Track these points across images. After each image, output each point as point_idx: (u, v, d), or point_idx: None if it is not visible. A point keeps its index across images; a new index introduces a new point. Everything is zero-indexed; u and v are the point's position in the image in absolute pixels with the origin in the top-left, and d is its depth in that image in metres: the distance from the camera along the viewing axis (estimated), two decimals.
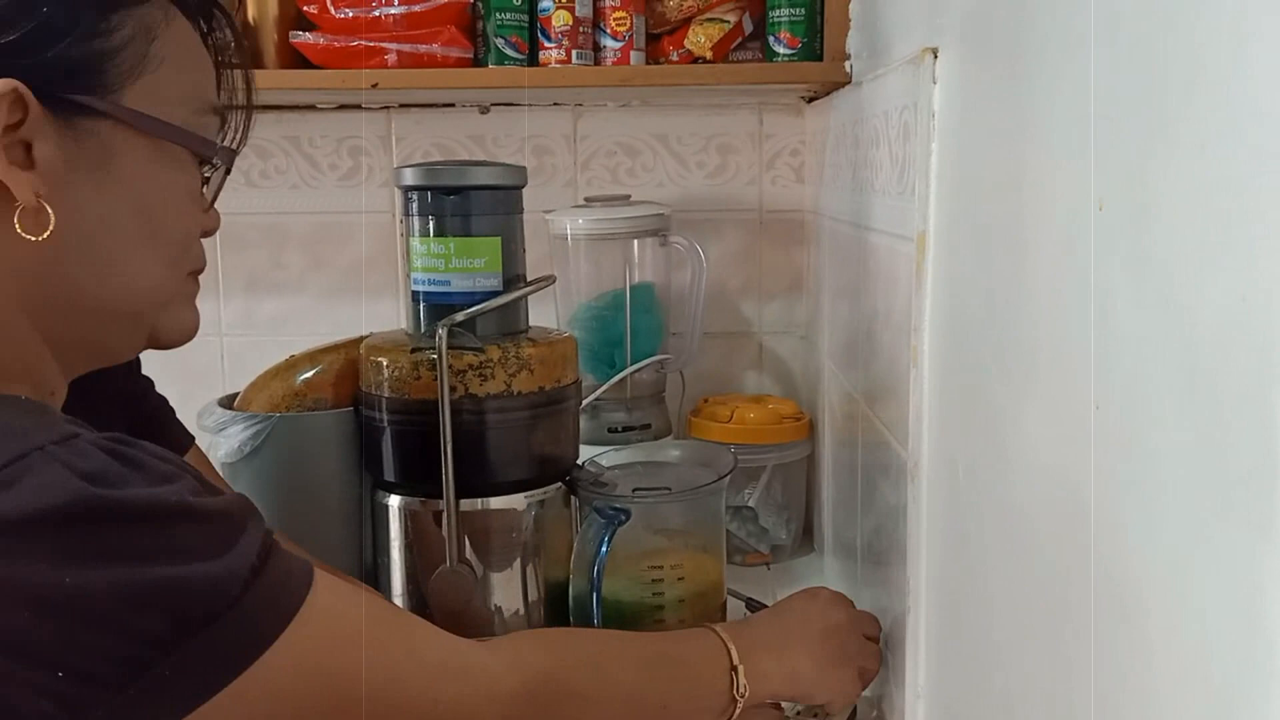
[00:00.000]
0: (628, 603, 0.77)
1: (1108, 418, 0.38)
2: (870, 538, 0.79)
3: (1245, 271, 0.29)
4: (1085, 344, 0.40)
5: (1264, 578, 0.27)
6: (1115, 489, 0.37)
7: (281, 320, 1.14)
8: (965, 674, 0.58)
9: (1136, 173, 0.36)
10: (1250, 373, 0.28)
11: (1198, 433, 0.31)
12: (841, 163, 0.92)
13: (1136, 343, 0.35)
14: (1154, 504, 0.34)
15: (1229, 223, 0.30)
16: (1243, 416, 0.29)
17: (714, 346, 1.15)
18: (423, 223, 0.75)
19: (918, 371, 0.64)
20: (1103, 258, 0.38)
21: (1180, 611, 0.32)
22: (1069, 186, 0.41)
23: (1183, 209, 0.32)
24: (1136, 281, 0.35)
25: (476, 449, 0.73)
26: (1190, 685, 0.32)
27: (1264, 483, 0.27)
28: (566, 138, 1.13)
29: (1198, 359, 0.31)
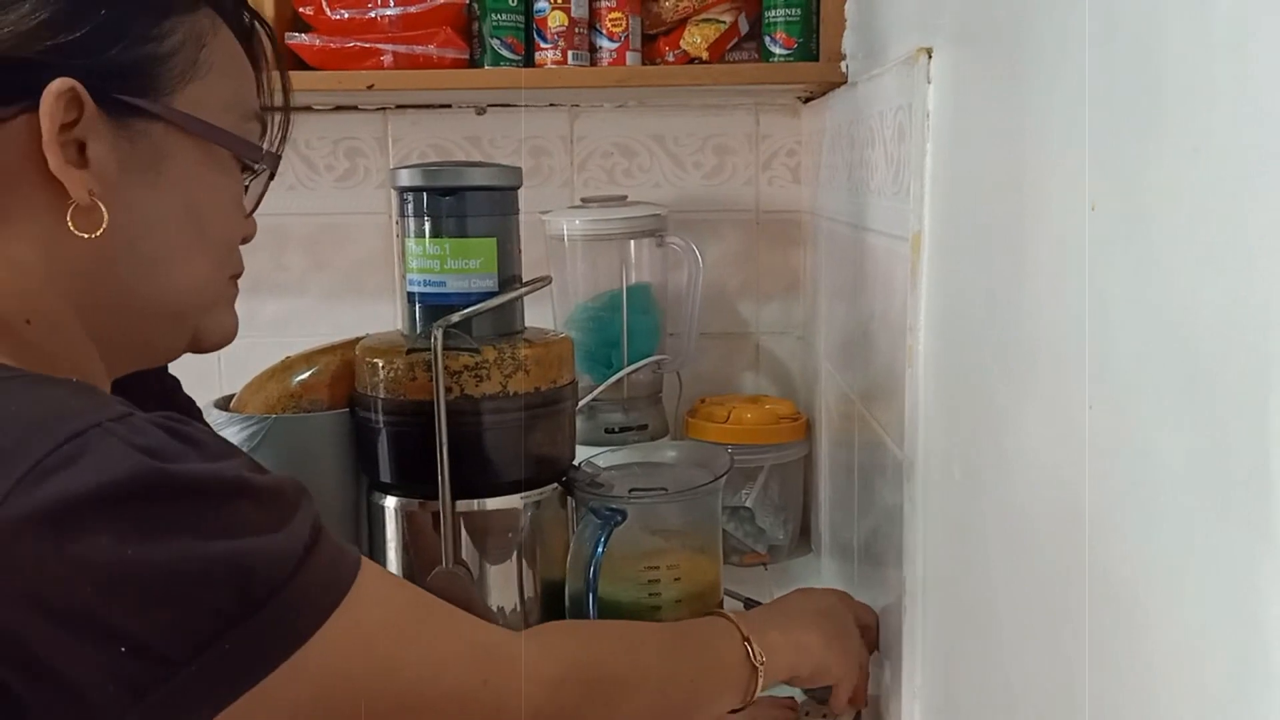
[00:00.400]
0: (624, 603, 0.77)
1: (1103, 418, 0.38)
2: (867, 538, 0.79)
3: (1241, 273, 0.29)
4: (1081, 345, 0.40)
5: (1261, 580, 0.27)
6: (1111, 490, 0.37)
7: (283, 322, 1.13)
8: (963, 674, 0.58)
9: (1130, 174, 0.36)
10: (1247, 374, 0.28)
11: (1194, 434, 0.31)
12: (838, 163, 0.92)
13: (1132, 344, 0.35)
14: (1150, 506, 0.34)
15: (1224, 225, 0.30)
16: (1239, 418, 0.29)
17: (711, 347, 1.15)
18: (418, 224, 0.75)
19: (913, 372, 0.64)
20: (1097, 259, 0.38)
21: (1177, 614, 0.32)
22: (1063, 187, 0.41)
23: (1177, 211, 0.32)
24: (1131, 283, 0.35)
25: (472, 450, 0.73)
26: (1187, 687, 0.32)
27: (1260, 485, 0.27)
28: (563, 139, 1.13)
29: (1194, 360, 0.31)
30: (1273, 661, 0.27)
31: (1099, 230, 0.38)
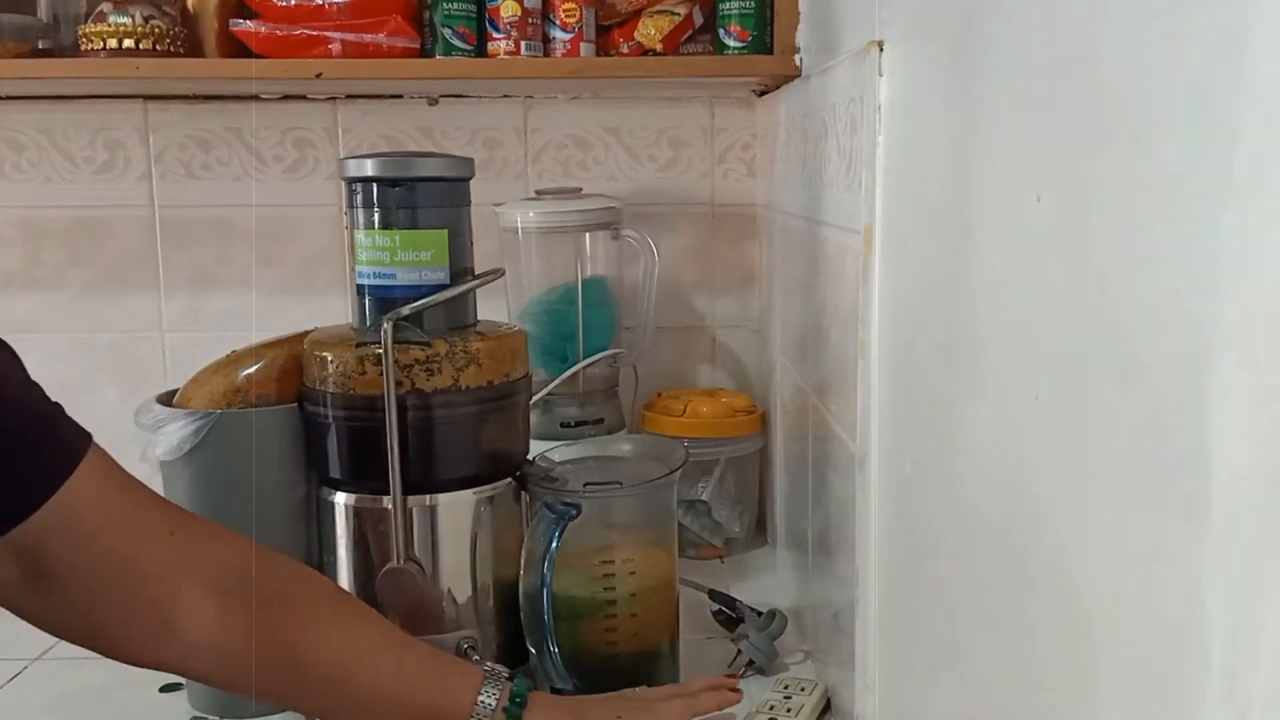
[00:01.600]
0: (579, 598, 0.76)
1: (1048, 407, 0.38)
2: (820, 530, 0.80)
3: (1178, 261, 0.29)
4: (1026, 334, 0.40)
5: (1198, 567, 0.27)
6: (1054, 479, 0.37)
7: (228, 317, 1.11)
8: (915, 663, 0.58)
9: (1073, 165, 0.36)
10: (1183, 362, 0.28)
11: (1133, 422, 0.31)
12: (791, 156, 0.92)
13: (1074, 333, 0.36)
14: (1092, 494, 0.34)
15: (1161, 213, 0.30)
16: (1177, 406, 0.29)
17: (667, 341, 1.15)
18: (367, 215, 0.74)
19: (865, 364, 0.64)
20: (1041, 248, 0.38)
21: (1119, 601, 0.33)
22: (1009, 178, 0.41)
23: (1118, 200, 0.33)
24: (1073, 272, 0.36)
25: (424, 445, 0.72)
26: (1131, 674, 0.32)
27: (1198, 472, 0.27)
28: (517, 130, 1.12)
29: (1133, 349, 0.31)
30: (1211, 645, 0.27)
31: (1044, 220, 0.38)
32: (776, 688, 0.76)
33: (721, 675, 0.75)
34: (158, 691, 0.80)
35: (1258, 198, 0.25)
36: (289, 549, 0.75)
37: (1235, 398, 0.26)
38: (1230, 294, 0.26)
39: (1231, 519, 0.26)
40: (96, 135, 1.09)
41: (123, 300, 1.11)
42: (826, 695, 0.76)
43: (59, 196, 1.10)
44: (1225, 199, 0.26)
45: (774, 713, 0.72)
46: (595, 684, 0.76)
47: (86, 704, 0.79)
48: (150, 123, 1.10)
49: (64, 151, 1.10)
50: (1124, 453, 0.32)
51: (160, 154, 1.10)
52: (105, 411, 1.11)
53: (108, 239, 1.11)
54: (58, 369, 1.12)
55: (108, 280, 1.11)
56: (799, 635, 0.87)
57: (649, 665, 0.78)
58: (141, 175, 1.10)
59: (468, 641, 0.74)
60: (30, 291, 1.11)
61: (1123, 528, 0.32)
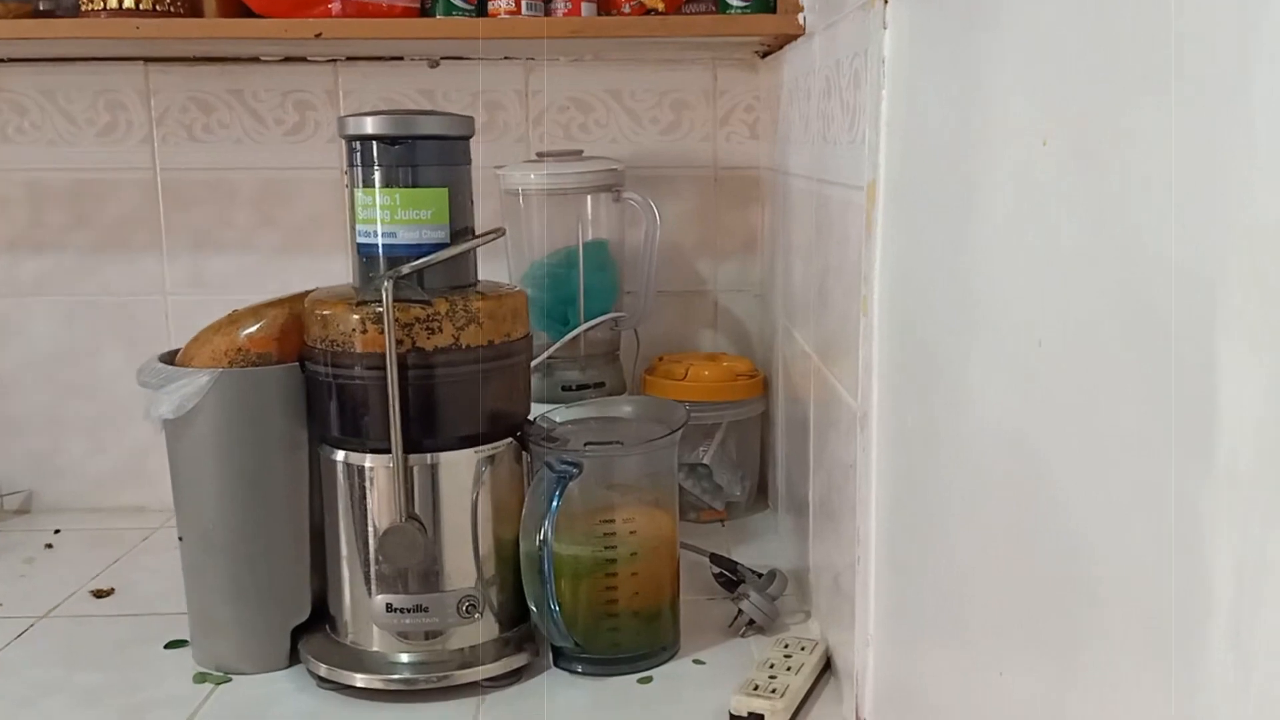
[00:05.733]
0: (580, 558, 0.76)
1: (1052, 355, 0.38)
2: (822, 492, 0.80)
3: (1188, 205, 0.28)
4: (1031, 281, 0.40)
5: (1202, 511, 0.27)
6: (1058, 427, 0.37)
7: (229, 279, 1.11)
8: (915, 619, 0.58)
9: (1081, 110, 0.35)
10: (1192, 306, 0.28)
11: (1140, 368, 0.31)
12: (794, 117, 0.91)
13: (1081, 280, 0.35)
14: (1096, 440, 0.34)
15: (1171, 158, 0.29)
16: (1184, 350, 0.29)
17: (669, 305, 1.14)
18: (367, 173, 0.73)
19: (868, 321, 0.63)
20: (1048, 194, 0.38)
21: (1124, 547, 0.32)
22: (1016, 124, 0.41)
23: (1126, 144, 0.32)
24: (1080, 216, 0.35)
25: (425, 404, 0.72)
26: (1134, 621, 0.32)
27: (1204, 416, 0.27)
28: (518, 93, 1.11)
29: (1140, 293, 0.31)
30: (1214, 587, 0.27)
31: (1051, 165, 0.37)
32: (777, 646, 0.77)
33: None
34: (163, 648, 0.81)
35: (1272, 138, 0.25)
36: (290, 508, 0.76)
37: (1243, 341, 0.26)
38: (1241, 237, 0.26)
39: (1237, 462, 0.26)
40: (98, 97, 1.09)
41: (125, 262, 1.11)
42: (827, 654, 0.76)
43: (61, 159, 1.09)
44: (1238, 140, 0.26)
45: (775, 670, 0.73)
46: (596, 642, 0.77)
47: (92, 659, 0.80)
48: (151, 85, 1.09)
49: (66, 114, 1.09)
50: (1129, 398, 0.32)
51: (161, 116, 1.09)
52: (109, 373, 1.12)
53: (110, 201, 1.10)
54: (62, 331, 1.12)
55: (110, 242, 1.11)
56: (800, 597, 0.87)
57: (649, 625, 0.78)
58: (143, 138, 1.10)
59: (468, 600, 0.74)
60: (34, 254, 1.11)
61: (1126, 473, 0.32)
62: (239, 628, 0.77)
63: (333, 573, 0.76)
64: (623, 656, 0.77)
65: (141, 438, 1.12)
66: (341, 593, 0.76)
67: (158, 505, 1.11)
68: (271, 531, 0.76)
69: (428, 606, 0.73)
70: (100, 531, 1.07)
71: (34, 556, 1.02)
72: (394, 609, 0.73)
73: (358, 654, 0.75)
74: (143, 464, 1.13)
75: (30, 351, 1.12)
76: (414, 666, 0.74)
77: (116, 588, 0.93)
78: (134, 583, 0.94)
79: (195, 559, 0.77)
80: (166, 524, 1.07)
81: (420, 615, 0.73)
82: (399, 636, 0.74)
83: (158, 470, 1.08)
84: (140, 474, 1.13)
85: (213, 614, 0.77)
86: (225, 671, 0.77)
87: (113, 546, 1.03)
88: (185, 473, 0.76)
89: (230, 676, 0.76)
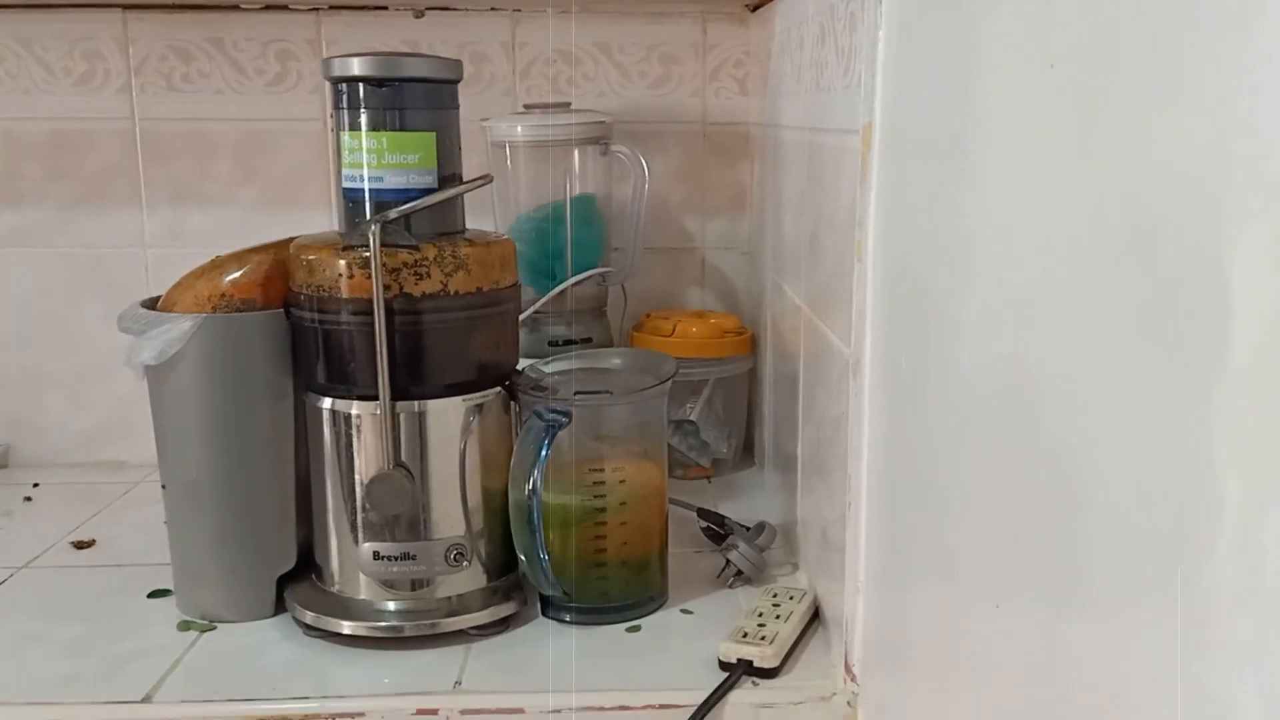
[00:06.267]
0: (569, 506, 0.76)
1: (1054, 283, 0.37)
2: (811, 447, 0.79)
3: (1195, 119, 0.28)
4: (1033, 209, 0.39)
5: (1212, 411, 0.27)
6: (1056, 352, 0.37)
7: (210, 233, 1.09)
8: (905, 565, 0.58)
9: (1088, 29, 0.35)
10: (1200, 219, 0.28)
11: (1146, 281, 0.31)
12: (786, 68, 0.90)
13: (1085, 203, 0.35)
14: (1096, 360, 0.34)
15: (1181, 76, 0.29)
16: (1193, 263, 0.28)
17: (656, 261, 1.14)
18: (353, 116, 0.72)
19: (861, 267, 0.63)
20: (1053, 117, 0.37)
21: (1124, 462, 0.32)
22: (1021, 47, 0.40)
23: (1134, 64, 0.32)
24: (1086, 137, 0.35)
25: (412, 350, 0.71)
26: (1135, 534, 0.32)
27: (1215, 316, 0.27)
28: (505, 45, 1.10)
29: (1147, 209, 0.31)
30: (1224, 492, 0.27)
31: (1057, 87, 0.37)
32: (765, 596, 0.77)
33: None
34: (146, 597, 0.80)
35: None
36: (275, 455, 0.75)
37: (1256, 239, 0.25)
38: (1254, 145, 0.26)
39: (1252, 359, 0.26)
40: (75, 46, 1.06)
41: (104, 215, 1.09)
42: (815, 603, 0.76)
43: (38, 108, 1.07)
44: (1250, 55, 0.26)
45: (764, 619, 0.73)
46: (584, 591, 0.76)
47: (74, 610, 0.79)
48: (130, 33, 1.07)
49: (43, 62, 1.07)
50: (1133, 311, 0.31)
51: (140, 65, 1.07)
52: (87, 327, 1.11)
53: (88, 152, 1.08)
54: (40, 284, 1.10)
55: (88, 194, 1.09)
56: (787, 550, 0.87)
57: (638, 575, 0.78)
58: (121, 87, 1.07)
59: (456, 548, 0.74)
60: (10, 206, 1.09)
61: (1129, 383, 0.32)
62: (223, 576, 0.76)
63: (319, 521, 0.76)
64: (611, 606, 0.77)
65: (121, 392, 1.11)
66: (328, 541, 0.75)
67: (138, 460, 1.09)
68: (256, 479, 0.75)
69: (415, 554, 0.73)
70: (80, 486, 1.06)
71: (12, 510, 1.00)
72: (381, 557, 0.73)
73: (344, 602, 0.74)
74: (123, 419, 1.12)
75: (6, 305, 1.10)
76: (401, 614, 0.73)
77: (98, 539, 0.92)
78: (115, 535, 0.93)
79: (178, 507, 0.76)
80: (148, 478, 1.06)
81: (408, 563, 0.73)
82: (386, 585, 0.74)
83: (138, 425, 1.07)
84: (121, 429, 1.12)
85: (197, 562, 0.76)
86: (210, 620, 0.76)
87: (93, 500, 1.01)
88: (168, 420, 0.75)
89: (215, 625, 0.76)
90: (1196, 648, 0.28)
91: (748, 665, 0.69)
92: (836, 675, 0.69)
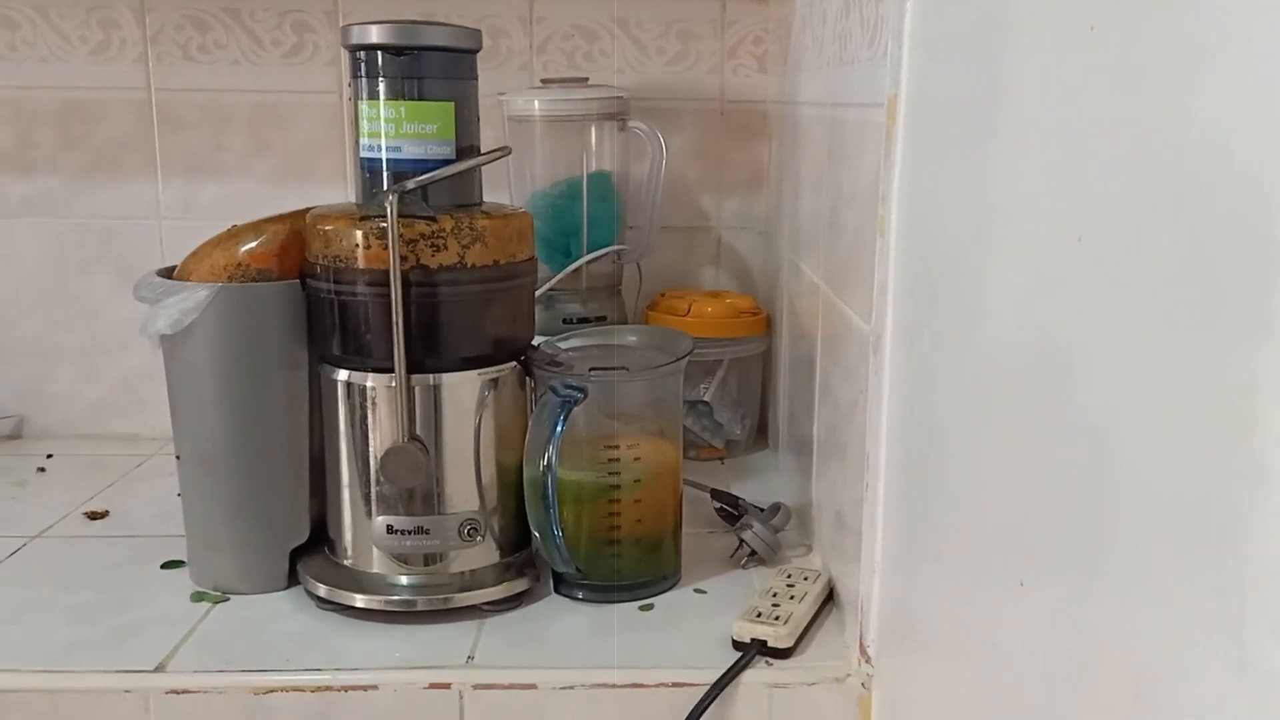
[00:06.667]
0: (583, 483, 0.76)
1: (1088, 252, 0.36)
2: (827, 428, 0.79)
3: (1243, 81, 0.27)
4: (1067, 175, 0.38)
5: (1259, 378, 0.26)
6: (1089, 321, 0.36)
7: (223, 205, 1.09)
8: (925, 544, 0.58)
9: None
10: (1245, 183, 0.27)
11: (1188, 251, 0.30)
12: (808, 43, 0.89)
13: (1124, 169, 0.34)
14: (1136, 334, 0.33)
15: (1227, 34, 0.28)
16: (1237, 225, 0.27)
17: (672, 240, 1.13)
18: (371, 85, 0.71)
19: (884, 242, 0.62)
20: (1091, 79, 0.36)
21: (1163, 432, 0.32)
22: (1058, 11, 0.39)
23: (1179, 21, 0.31)
24: (1127, 98, 0.34)
25: (428, 322, 0.71)
26: (1176, 525, 0.31)
27: (1260, 285, 0.26)
28: (522, 19, 1.09)
29: (1190, 174, 0.30)
30: (1271, 462, 0.26)
31: (1096, 50, 0.36)
32: (779, 576, 0.76)
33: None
34: (159, 568, 0.80)
35: None
36: (289, 427, 0.75)
37: None
38: None
39: None
40: (91, 14, 1.06)
41: (118, 185, 1.09)
42: (830, 584, 0.76)
43: (53, 77, 1.07)
44: None
45: (778, 599, 0.72)
46: (597, 568, 0.76)
47: (87, 579, 0.79)
48: (146, 2, 1.06)
49: (59, 30, 1.06)
50: (1173, 278, 0.31)
51: (156, 35, 1.07)
52: (101, 298, 1.10)
53: (102, 122, 1.08)
54: (53, 254, 1.10)
55: (102, 164, 1.08)
56: (801, 532, 0.87)
57: (651, 552, 0.78)
58: (137, 57, 1.07)
59: (470, 523, 0.74)
60: (24, 175, 1.08)
61: (1166, 357, 0.31)
62: (237, 547, 0.76)
63: (332, 494, 0.75)
64: (624, 584, 0.76)
65: (134, 365, 1.10)
66: (341, 514, 0.75)
67: (151, 433, 1.09)
68: (271, 450, 0.74)
69: (429, 529, 0.73)
70: (94, 457, 1.06)
71: (26, 480, 1.00)
72: (394, 530, 0.73)
73: (357, 575, 0.74)
74: (136, 391, 1.11)
75: (20, 275, 1.10)
76: (414, 589, 0.73)
77: (111, 510, 0.92)
78: (129, 507, 0.93)
79: (193, 477, 0.76)
80: (161, 451, 1.06)
81: (421, 537, 0.73)
82: (399, 559, 0.74)
83: (152, 398, 1.07)
84: (133, 401, 1.12)
85: (210, 533, 0.76)
86: (223, 591, 0.76)
87: (107, 472, 1.01)
88: (182, 390, 0.74)
89: (228, 596, 0.75)
90: (1238, 625, 0.27)
91: (761, 645, 0.68)
92: (851, 656, 0.68)
